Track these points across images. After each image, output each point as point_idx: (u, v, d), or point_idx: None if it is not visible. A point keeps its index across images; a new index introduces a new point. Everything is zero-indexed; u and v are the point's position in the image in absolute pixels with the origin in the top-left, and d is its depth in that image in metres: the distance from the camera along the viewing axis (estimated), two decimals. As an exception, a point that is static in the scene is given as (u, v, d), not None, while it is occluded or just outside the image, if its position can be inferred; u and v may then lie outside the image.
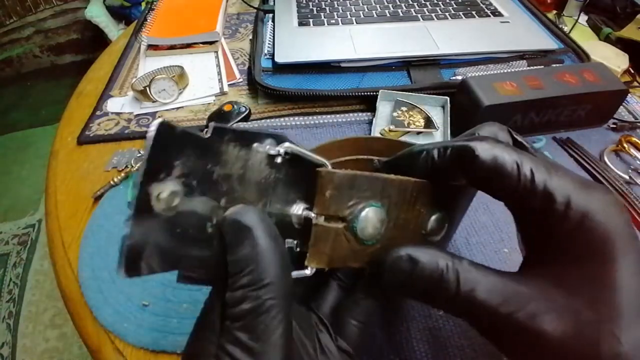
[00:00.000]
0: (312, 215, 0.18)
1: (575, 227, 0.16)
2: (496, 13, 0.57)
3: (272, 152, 0.18)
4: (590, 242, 0.16)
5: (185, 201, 0.15)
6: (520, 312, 0.16)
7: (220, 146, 0.16)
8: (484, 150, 0.17)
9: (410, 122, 0.42)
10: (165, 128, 0.14)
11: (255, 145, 0.18)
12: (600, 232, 0.16)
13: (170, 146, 0.14)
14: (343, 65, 0.50)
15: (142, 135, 0.46)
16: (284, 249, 0.17)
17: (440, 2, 0.60)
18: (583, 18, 0.64)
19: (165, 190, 0.14)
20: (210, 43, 0.59)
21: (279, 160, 0.19)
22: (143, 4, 1.68)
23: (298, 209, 0.19)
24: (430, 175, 0.20)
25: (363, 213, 0.18)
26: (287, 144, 0.19)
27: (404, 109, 0.44)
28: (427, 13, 0.57)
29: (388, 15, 0.57)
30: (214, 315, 0.16)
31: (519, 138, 0.22)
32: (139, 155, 0.43)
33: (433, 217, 0.21)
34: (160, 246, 0.14)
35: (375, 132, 0.42)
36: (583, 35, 0.61)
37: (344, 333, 0.20)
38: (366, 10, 0.58)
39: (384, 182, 0.19)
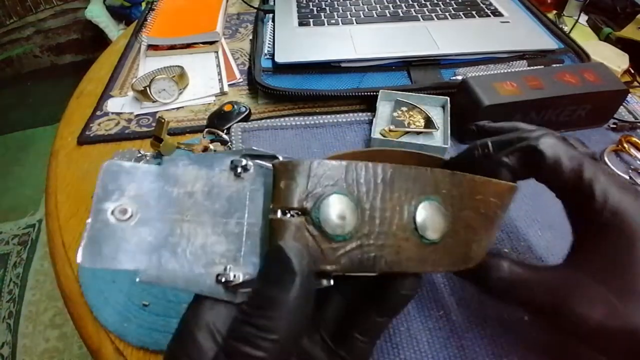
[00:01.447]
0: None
1: (608, 222, 0.19)
2: (496, 13, 0.57)
3: (224, 167, 0.19)
4: (620, 235, 0.19)
5: (145, 214, 0.17)
6: (562, 300, 0.19)
7: (177, 170, 0.18)
8: (549, 148, 0.20)
9: (411, 122, 0.42)
10: (112, 166, 0.17)
11: (215, 164, 0.19)
12: (628, 226, 0.18)
13: (121, 176, 0.17)
14: (343, 65, 0.50)
15: (143, 136, 0.46)
16: (309, 310, 0.15)
17: (440, 2, 0.60)
18: (583, 18, 0.64)
19: (118, 207, 0.17)
20: (211, 43, 0.59)
21: (239, 172, 0.19)
22: (143, 4, 1.68)
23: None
24: (487, 167, 0.21)
25: (324, 202, 0.16)
26: (240, 159, 0.19)
27: (404, 109, 0.44)
28: (427, 13, 0.57)
29: (388, 15, 0.57)
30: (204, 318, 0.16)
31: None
32: (139, 155, 0.43)
33: (421, 206, 0.17)
34: (121, 246, 0.16)
35: (375, 132, 0.42)
36: (583, 35, 0.61)
37: (348, 348, 0.19)
38: (366, 10, 0.58)
39: (347, 167, 0.17)
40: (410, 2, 0.60)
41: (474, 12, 0.57)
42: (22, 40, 1.96)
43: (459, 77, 0.47)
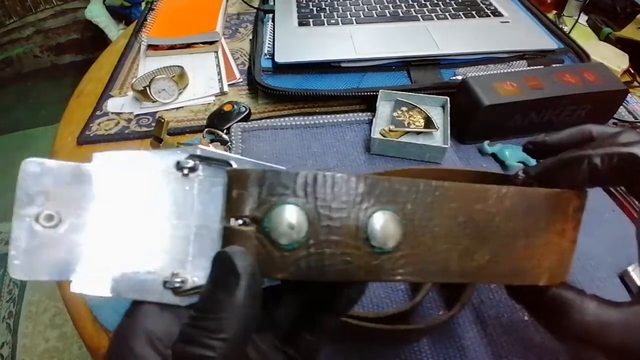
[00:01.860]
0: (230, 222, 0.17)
1: None
2: (496, 13, 0.57)
3: (166, 167, 0.17)
4: None
5: (76, 219, 0.16)
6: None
7: (112, 169, 0.17)
8: None
9: (410, 122, 0.42)
10: (32, 165, 0.16)
11: (155, 166, 0.17)
12: None
13: (45, 177, 0.16)
14: (343, 65, 0.50)
15: (143, 136, 0.46)
16: (256, 309, 0.16)
17: (440, 2, 0.60)
18: (583, 18, 0.64)
19: (43, 213, 0.16)
20: (210, 43, 0.59)
21: (186, 173, 0.17)
22: (143, 4, 1.68)
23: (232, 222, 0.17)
24: (584, 183, 0.19)
25: (275, 211, 0.16)
26: (188, 159, 0.18)
27: (404, 109, 0.44)
28: (427, 13, 0.57)
29: (388, 15, 0.57)
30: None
31: None
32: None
33: (375, 216, 0.17)
34: (52, 256, 0.16)
35: (375, 132, 0.42)
36: (583, 35, 0.61)
37: (296, 347, 0.19)
38: (366, 10, 0.58)
39: (299, 176, 0.17)
40: (410, 2, 0.60)
41: (474, 12, 0.57)
42: (22, 40, 1.96)
43: (459, 77, 0.47)
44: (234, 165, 0.18)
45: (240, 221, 0.16)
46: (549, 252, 0.18)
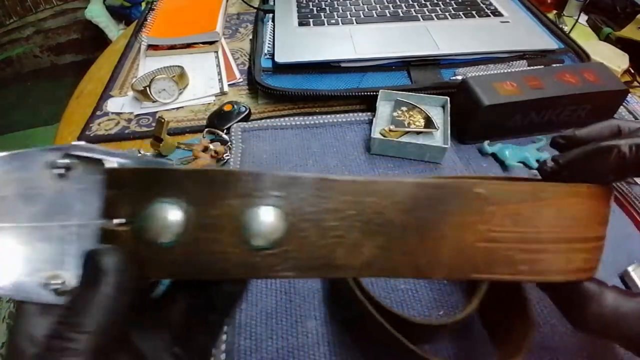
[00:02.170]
0: (103, 222, 0.17)
1: None
2: (496, 13, 0.57)
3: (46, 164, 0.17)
4: None
5: None
6: None
7: None
8: None
9: (410, 122, 0.42)
10: None
11: (34, 163, 0.17)
12: None
13: None
14: (343, 65, 0.50)
15: (143, 136, 0.46)
16: (125, 305, 0.16)
17: (440, 2, 0.60)
18: (583, 18, 0.64)
19: None
20: (210, 43, 0.59)
21: (63, 173, 0.17)
22: (143, 4, 1.68)
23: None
24: (615, 174, 0.19)
25: (147, 211, 0.16)
26: (65, 158, 0.17)
27: (404, 108, 0.44)
28: (427, 13, 0.57)
29: (388, 15, 0.57)
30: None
31: None
32: (139, 155, 0.43)
33: (252, 212, 0.16)
34: None
35: (375, 132, 0.42)
36: (583, 35, 0.61)
37: (186, 346, 0.19)
38: (366, 10, 0.58)
39: (173, 174, 0.16)
40: (410, 2, 0.60)
41: (474, 12, 0.57)
42: (22, 40, 1.96)
43: (459, 77, 0.47)
44: (111, 164, 0.17)
45: (117, 220, 0.16)
46: (445, 247, 0.17)
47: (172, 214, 0.16)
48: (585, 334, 0.20)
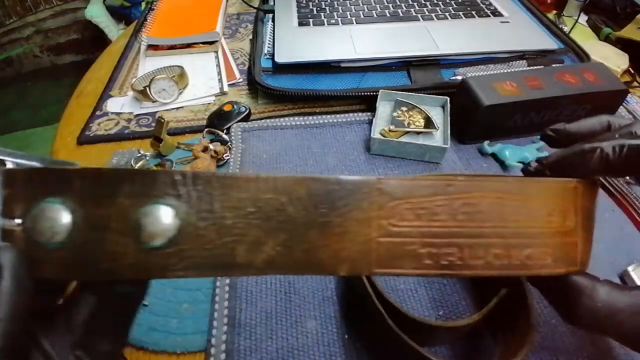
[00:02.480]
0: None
1: None
2: (496, 13, 0.57)
3: None
4: None
5: None
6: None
7: None
8: None
9: (410, 122, 0.42)
10: None
11: None
12: None
13: None
14: (343, 65, 0.50)
15: (142, 136, 0.46)
16: (25, 303, 0.16)
17: (440, 2, 0.60)
18: (583, 18, 0.64)
19: None
20: (210, 43, 0.59)
21: None
22: (143, 4, 1.68)
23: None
24: (598, 174, 0.19)
25: (36, 211, 0.16)
26: None
27: (404, 109, 0.44)
28: (427, 13, 0.57)
29: (388, 15, 0.57)
30: None
31: None
32: (139, 155, 0.43)
33: (145, 210, 0.16)
34: None
35: (375, 132, 0.42)
36: (583, 35, 0.61)
37: (89, 351, 0.19)
38: (366, 10, 0.58)
39: (64, 174, 0.16)
40: (410, 2, 0.60)
41: (474, 12, 0.57)
42: (22, 40, 1.96)
43: (459, 77, 0.47)
44: (9, 165, 0.17)
45: (17, 220, 0.16)
46: (348, 242, 0.17)
47: (59, 215, 0.16)
48: (578, 329, 0.19)
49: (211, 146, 0.42)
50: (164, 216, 0.16)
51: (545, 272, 0.18)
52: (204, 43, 0.59)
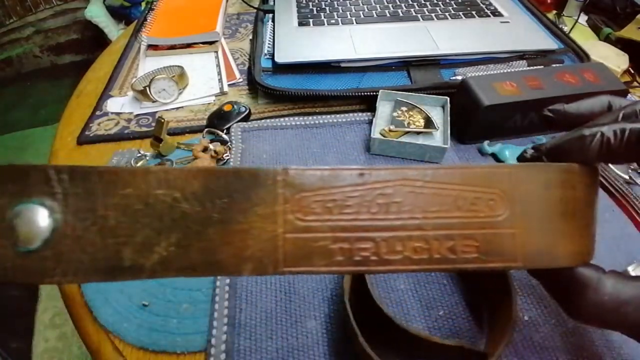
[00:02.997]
0: None
1: None
2: (496, 13, 0.57)
3: None
4: None
5: None
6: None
7: None
8: None
9: (410, 122, 0.42)
10: None
11: None
12: None
13: None
14: (343, 65, 0.50)
15: (142, 135, 0.46)
16: None
17: (440, 2, 0.60)
18: (583, 18, 0.64)
19: None
20: (210, 43, 0.59)
21: None
22: (143, 4, 1.68)
23: None
24: (599, 160, 0.18)
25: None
26: None
27: (404, 109, 0.44)
28: (427, 13, 0.57)
29: (388, 15, 0.57)
30: None
31: None
32: (139, 155, 0.43)
33: (18, 211, 0.15)
34: None
35: (375, 132, 0.42)
36: (583, 35, 0.61)
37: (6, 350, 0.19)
38: (366, 10, 0.58)
39: None
40: (410, 2, 0.60)
41: (474, 12, 0.57)
42: (22, 40, 1.96)
43: (459, 77, 0.47)
44: None
45: None
46: (251, 240, 0.15)
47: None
48: (581, 323, 0.19)
49: (211, 146, 0.42)
50: (37, 217, 0.15)
51: (472, 267, 0.16)
52: (204, 43, 0.59)
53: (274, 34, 0.55)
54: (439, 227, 0.16)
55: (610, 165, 0.39)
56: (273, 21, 0.58)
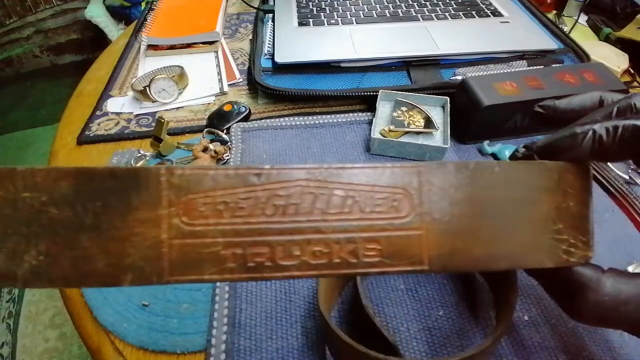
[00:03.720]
0: None
1: None
2: (496, 13, 0.57)
3: None
4: None
5: None
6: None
7: None
8: None
9: (410, 122, 0.42)
10: None
11: None
12: None
13: None
14: (343, 65, 0.50)
15: (142, 135, 0.46)
16: None
17: (440, 2, 0.60)
18: (583, 18, 0.64)
19: None
20: (210, 43, 0.59)
21: None
22: (143, 4, 1.68)
23: None
24: (591, 157, 0.17)
25: None
26: None
27: (404, 109, 0.44)
28: (427, 13, 0.57)
29: (388, 15, 0.57)
30: None
31: None
32: (139, 155, 0.43)
33: None
34: None
35: (375, 132, 0.42)
36: (583, 35, 0.61)
37: None
38: (366, 10, 0.58)
39: None
40: (410, 2, 0.60)
41: (474, 12, 0.57)
42: (22, 40, 1.96)
43: (459, 77, 0.47)
44: None
45: None
46: (132, 248, 0.14)
47: None
48: (581, 323, 0.18)
49: (211, 146, 0.42)
50: None
51: (375, 272, 0.15)
52: (204, 43, 0.59)
53: (274, 34, 0.55)
54: (340, 230, 0.15)
55: (610, 165, 0.39)
56: (273, 21, 0.58)
